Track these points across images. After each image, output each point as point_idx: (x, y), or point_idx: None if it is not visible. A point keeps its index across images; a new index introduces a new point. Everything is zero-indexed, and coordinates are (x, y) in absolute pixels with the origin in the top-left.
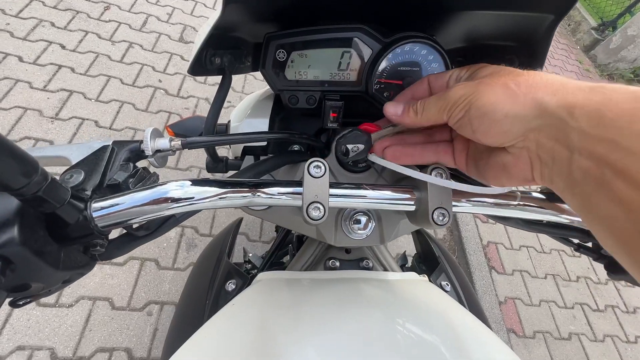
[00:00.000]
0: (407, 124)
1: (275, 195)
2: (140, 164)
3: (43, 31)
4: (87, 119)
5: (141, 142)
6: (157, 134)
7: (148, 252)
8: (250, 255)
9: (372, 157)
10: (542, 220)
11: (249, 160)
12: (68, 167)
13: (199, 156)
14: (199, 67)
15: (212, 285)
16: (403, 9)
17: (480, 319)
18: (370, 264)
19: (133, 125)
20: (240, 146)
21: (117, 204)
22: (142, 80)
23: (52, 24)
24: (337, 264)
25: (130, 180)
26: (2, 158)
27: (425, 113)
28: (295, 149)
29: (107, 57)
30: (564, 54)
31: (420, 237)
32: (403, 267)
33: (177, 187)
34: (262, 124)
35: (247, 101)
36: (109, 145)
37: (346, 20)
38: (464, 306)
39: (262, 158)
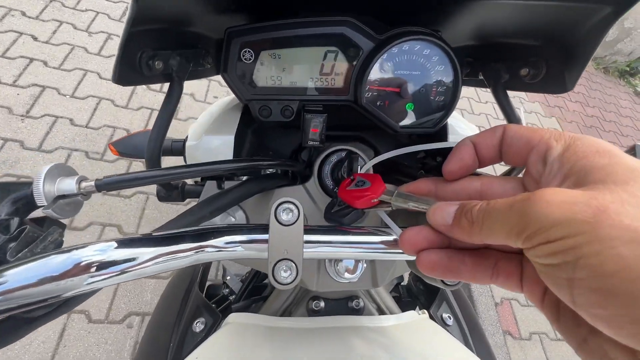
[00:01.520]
0: (458, 239)
1: (230, 248)
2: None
3: (12, 21)
4: (62, 117)
5: (31, 185)
6: (60, 171)
7: None
8: (228, 278)
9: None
10: None
11: (211, 186)
12: None
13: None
14: (128, 72)
15: (179, 323)
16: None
17: (487, 356)
18: (361, 304)
19: (112, 124)
20: None
21: None
22: None
23: (23, 13)
24: (322, 304)
25: (11, 245)
26: None
27: (486, 230)
28: (270, 171)
29: (83, 49)
30: None
31: None
32: (398, 286)
33: (93, 253)
34: (224, 144)
35: (210, 112)
36: None
37: (331, 12)
38: (469, 342)
39: (226, 183)
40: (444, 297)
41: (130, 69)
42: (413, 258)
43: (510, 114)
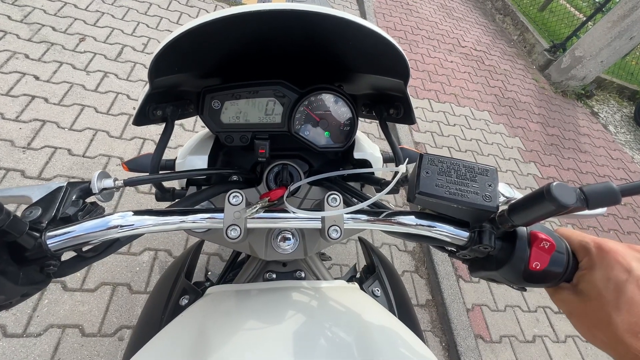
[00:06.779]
0: None
1: (199, 220)
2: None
3: (17, 63)
4: (60, 148)
5: (90, 182)
6: (104, 175)
7: (120, 276)
8: (209, 273)
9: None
10: (420, 234)
11: (192, 189)
12: (29, 204)
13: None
14: (141, 118)
15: (168, 301)
16: (313, 67)
17: (408, 321)
18: (303, 275)
19: (107, 153)
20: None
21: (66, 233)
22: (116, 108)
23: (26, 56)
24: (274, 276)
25: (79, 213)
26: None
27: None
28: (234, 179)
29: (81, 86)
30: (521, 73)
31: (366, 250)
32: (353, 278)
33: (117, 218)
34: (201, 161)
35: (192, 140)
36: (64, 185)
37: (269, 76)
38: (394, 309)
39: (203, 187)
40: (377, 277)
41: (142, 116)
42: (320, 226)
43: (389, 139)
